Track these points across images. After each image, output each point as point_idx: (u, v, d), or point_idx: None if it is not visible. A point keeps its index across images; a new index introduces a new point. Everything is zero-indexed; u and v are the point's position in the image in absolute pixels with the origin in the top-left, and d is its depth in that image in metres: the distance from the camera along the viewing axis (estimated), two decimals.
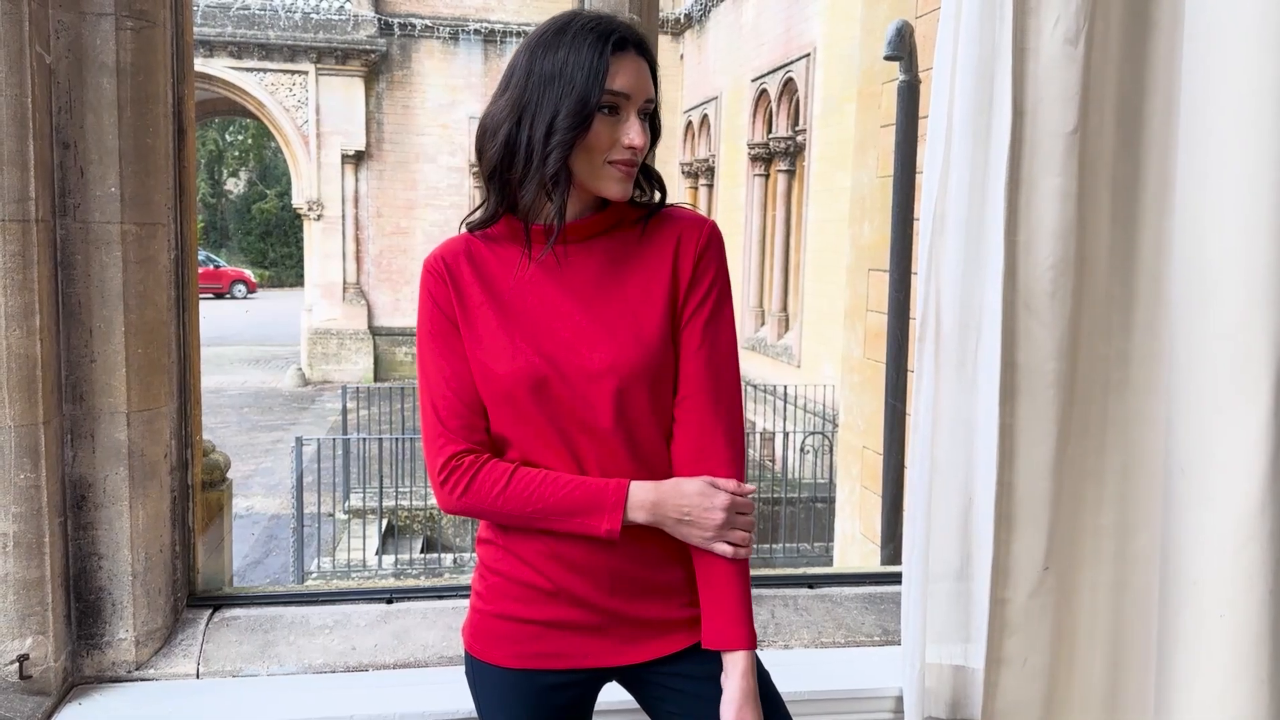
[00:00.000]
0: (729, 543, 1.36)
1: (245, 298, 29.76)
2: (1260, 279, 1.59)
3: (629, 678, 1.47)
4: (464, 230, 1.45)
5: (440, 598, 2.30)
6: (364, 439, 10.12)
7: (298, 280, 24.44)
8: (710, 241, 1.41)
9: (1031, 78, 1.75)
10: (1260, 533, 1.60)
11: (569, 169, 1.32)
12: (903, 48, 4.44)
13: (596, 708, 1.54)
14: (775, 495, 9.39)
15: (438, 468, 1.38)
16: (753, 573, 2.56)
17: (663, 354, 1.38)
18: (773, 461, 11.32)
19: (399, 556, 8.72)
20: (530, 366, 1.35)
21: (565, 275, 1.39)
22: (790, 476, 9.75)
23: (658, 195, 1.45)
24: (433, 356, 1.41)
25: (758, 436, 11.91)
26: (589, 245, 1.40)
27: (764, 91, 13.64)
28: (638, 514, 1.35)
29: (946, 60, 1.81)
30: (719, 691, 1.41)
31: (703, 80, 16.75)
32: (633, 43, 1.33)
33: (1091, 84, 1.76)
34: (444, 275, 1.41)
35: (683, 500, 1.35)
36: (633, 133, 1.32)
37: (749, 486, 1.39)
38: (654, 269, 1.40)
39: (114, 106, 1.89)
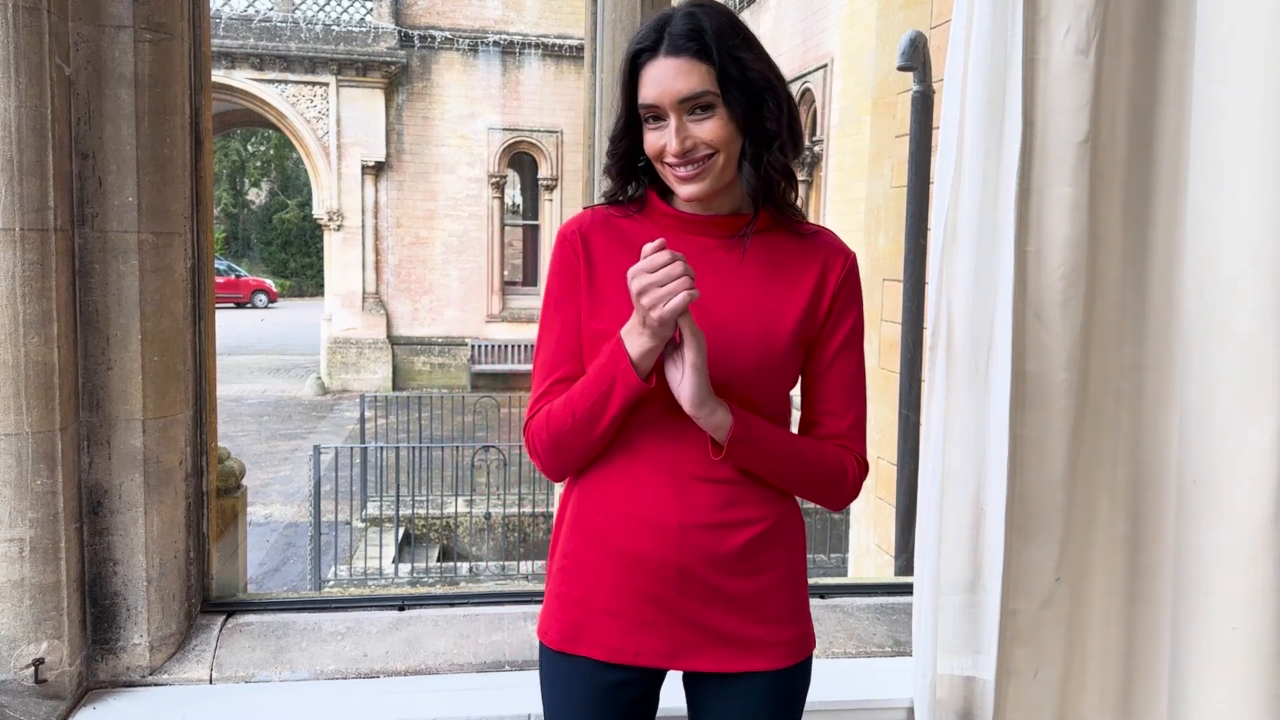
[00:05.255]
0: (650, 317, 1.25)
1: (266, 307, 29.95)
2: (1273, 289, 1.58)
3: (688, 684, 1.48)
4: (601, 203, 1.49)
5: (451, 605, 2.31)
6: (382, 448, 10.17)
7: (318, 290, 24.60)
8: (853, 270, 1.46)
9: (1042, 88, 1.75)
10: (1273, 545, 1.59)
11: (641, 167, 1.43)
12: (916, 58, 4.44)
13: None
14: None
15: (524, 434, 1.43)
16: None
17: (783, 362, 1.39)
18: None
19: (415, 565, 8.75)
20: None
21: (702, 266, 1.39)
22: None
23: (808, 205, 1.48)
24: (547, 324, 1.43)
25: None
26: (729, 243, 1.41)
27: None
28: (634, 342, 1.29)
29: (958, 70, 1.81)
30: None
31: None
32: (658, 47, 1.32)
33: (1102, 94, 1.76)
34: (577, 245, 1.42)
35: (630, 324, 1.31)
36: (666, 138, 1.34)
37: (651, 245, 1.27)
38: (796, 283, 1.41)
39: (132, 117, 1.92)
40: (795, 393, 1.51)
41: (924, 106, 4.50)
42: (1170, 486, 1.79)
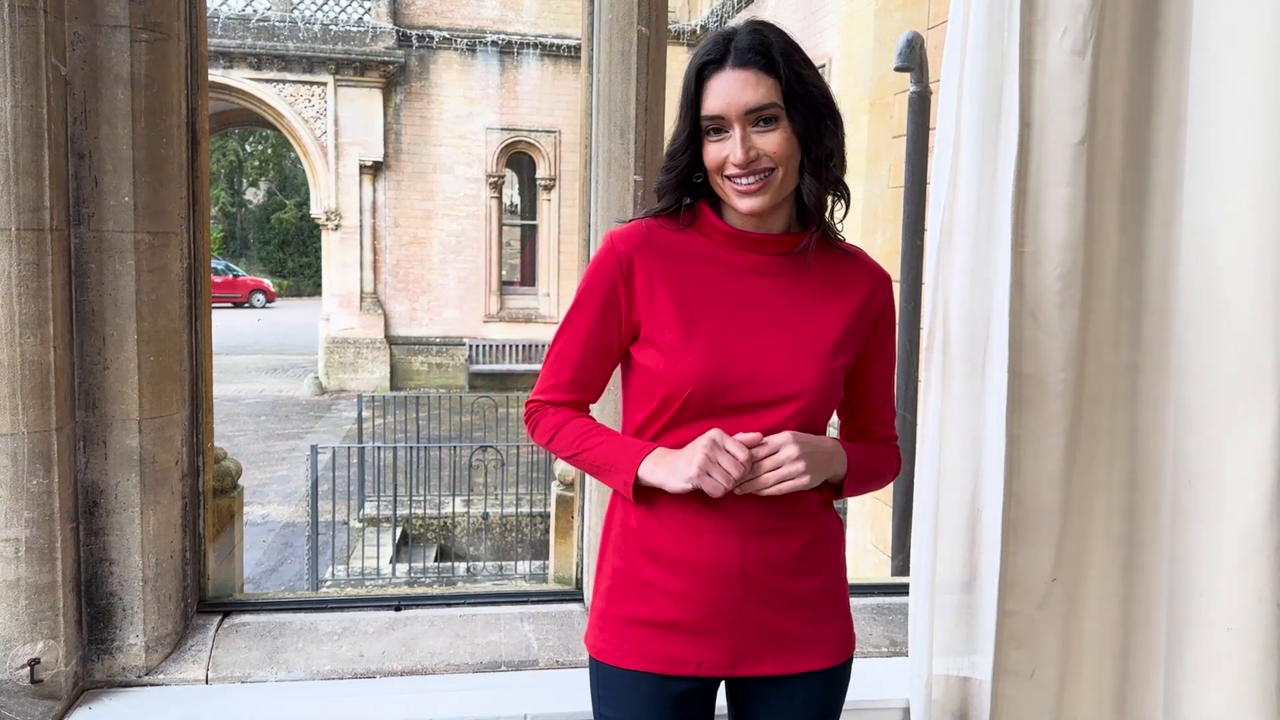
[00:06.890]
0: (708, 479, 1.32)
1: (264, 307, 29.90)
2: (1268, 291, 1.59)
3: (734, 689, 1.50)
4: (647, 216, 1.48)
5: (448, 605, 2.30)
6: (379, 447, 10.15)
7: (316, 290, 24.57)
8: (892, 293, 1.53)
9: (1039, 89, 1.75)
10: (1267, 545, 1.59)
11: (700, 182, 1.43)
12: (913, 59, 4.44)
13: None
14: None
15: (525, 410, 1.52)
16: None
17: (835, 377, 1.42)
18: None
19: (413, 565, 8.74)
20: (711, 365, 1.37)
21: (754, 280, 1.41)
22: None
23: (840, 217, 1.49)
24: (570, 320, 1.47)
25: None
26: (778, 261, 1.43)
27: None
28: (656, 472, 1.36)
29: (954, 71, 1.82)
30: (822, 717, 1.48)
31: None
32: (724, 60, 1.34)
33: (1099, 95, 1.76)
34: (625, 265, 1.42)
35: (684, 453, 1.35)
36: (729, 149, 1.35)
37: (749, 437, 1.34)
38: (843, 299, 1.45)
39: (128, 117, 1.91)
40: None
41: (921, 107, 4.51)
42: (1166, 487, 1.80)
